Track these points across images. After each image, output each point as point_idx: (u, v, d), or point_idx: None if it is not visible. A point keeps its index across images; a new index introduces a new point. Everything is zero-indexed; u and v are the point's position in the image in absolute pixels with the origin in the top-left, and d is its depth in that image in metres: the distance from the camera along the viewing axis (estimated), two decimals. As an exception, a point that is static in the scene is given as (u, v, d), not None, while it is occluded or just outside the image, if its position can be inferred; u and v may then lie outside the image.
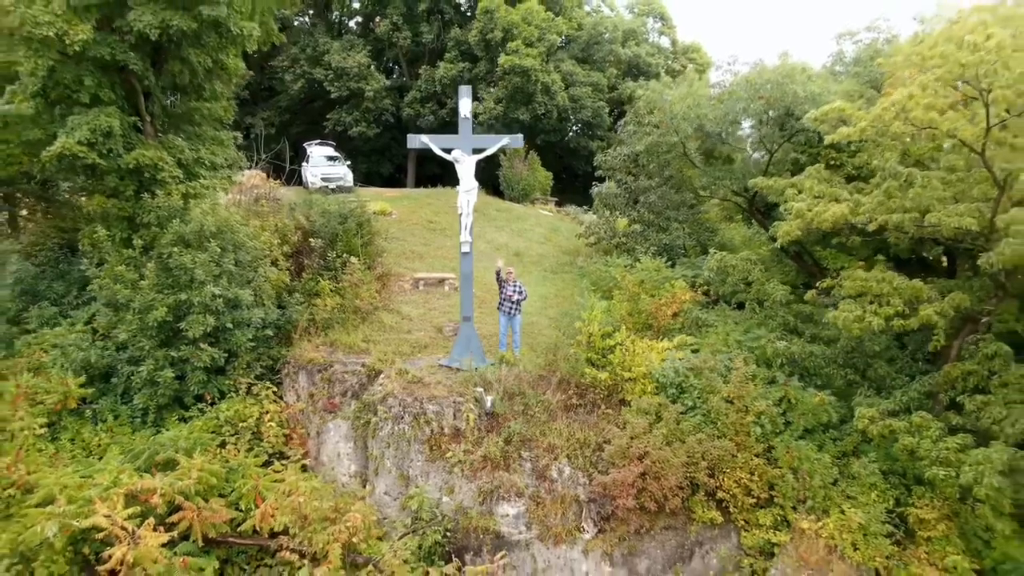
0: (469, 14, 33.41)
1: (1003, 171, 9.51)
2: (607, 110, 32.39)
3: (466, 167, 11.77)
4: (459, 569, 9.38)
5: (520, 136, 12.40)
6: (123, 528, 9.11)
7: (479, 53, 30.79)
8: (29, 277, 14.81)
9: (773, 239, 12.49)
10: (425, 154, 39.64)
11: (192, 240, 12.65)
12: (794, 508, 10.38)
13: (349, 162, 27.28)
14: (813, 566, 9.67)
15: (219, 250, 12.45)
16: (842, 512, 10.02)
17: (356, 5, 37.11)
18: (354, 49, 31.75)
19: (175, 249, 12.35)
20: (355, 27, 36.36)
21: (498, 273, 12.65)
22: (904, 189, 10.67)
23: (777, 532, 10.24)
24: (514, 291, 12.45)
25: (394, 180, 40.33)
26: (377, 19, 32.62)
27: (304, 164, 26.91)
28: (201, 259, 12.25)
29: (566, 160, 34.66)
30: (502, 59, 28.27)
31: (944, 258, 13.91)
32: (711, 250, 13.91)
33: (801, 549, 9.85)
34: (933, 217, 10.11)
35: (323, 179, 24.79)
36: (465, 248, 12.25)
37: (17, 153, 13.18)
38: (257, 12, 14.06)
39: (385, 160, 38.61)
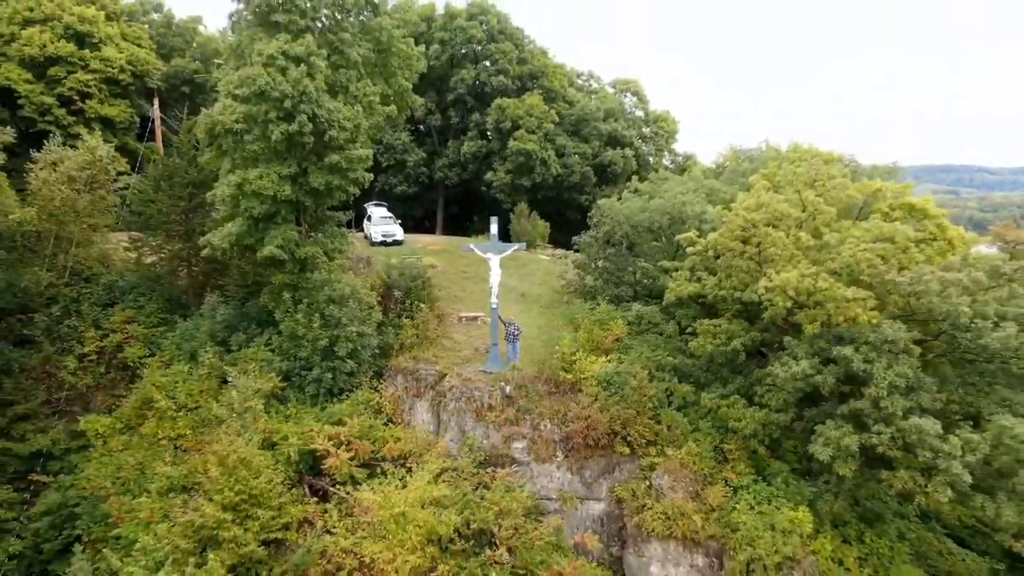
0: (487, 94, 42.99)
1: (766, 273, 18.91)
2: (591, 172, 41.95)
3: (495, 262, 21.40)
4: (494, 472, 18.88)
5: (524, 244, 21.98)
6: (331, 450, 18.72)
7: (493, 136, 40.61)
8: (229, 316, 24.37)
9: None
10: (449, 199, 50.41)
11: (336, 299, 22.25)
12: (667, 446, 19.77)
13: (400, 221, 37.01)
14: (672, 472, 19.06)
15: (355, 306, 22.06)
16: (689, 447, 19.40)
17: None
18: (398, 128, 41.60)
19: (328, 307, 21.92)
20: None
21: (501, 319, 22.17)
22: (728, 276, 20.15)
23: (657, 458, 19.59)
24: (515, 328, 22.02)
25: (424, 219, 50.21)
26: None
27: (366, 222, 36.66)
28: (344, 311, 21.83)
29: (561, 210, 44.31)
30: (511, 144, 38.12)
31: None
32: (635, 303, 23.41)
33: (667, 465, 19.24)
34: (738, 293, 19.60)
35: (383, 235, 34.54)
36: (493, 304, 21.82)
37: (230, 251, 22.82)
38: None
39: (418, 205, 48.45)
